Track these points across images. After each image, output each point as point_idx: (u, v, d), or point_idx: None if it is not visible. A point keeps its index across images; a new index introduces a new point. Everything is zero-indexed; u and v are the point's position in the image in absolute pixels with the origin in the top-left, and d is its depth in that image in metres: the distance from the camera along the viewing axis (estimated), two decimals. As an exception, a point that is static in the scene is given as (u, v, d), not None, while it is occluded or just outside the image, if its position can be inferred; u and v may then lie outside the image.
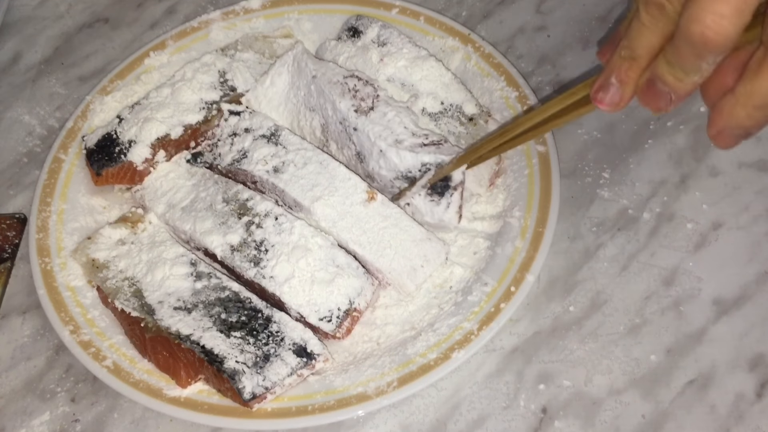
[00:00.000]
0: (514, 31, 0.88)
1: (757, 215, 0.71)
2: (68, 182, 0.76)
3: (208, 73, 0.80)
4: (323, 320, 0.65)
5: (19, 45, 0.93)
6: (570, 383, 0.63)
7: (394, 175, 0.70)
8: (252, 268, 0.67)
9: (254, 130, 0.74)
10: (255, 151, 0.72)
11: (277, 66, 0.77)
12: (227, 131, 0.75)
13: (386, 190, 0.71)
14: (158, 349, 0.64)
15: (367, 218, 0.68)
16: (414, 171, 0.69)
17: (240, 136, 0.74)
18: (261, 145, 0.72)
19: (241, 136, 0.74)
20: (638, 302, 0.67)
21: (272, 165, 0.71)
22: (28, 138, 0.84)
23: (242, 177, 0.73)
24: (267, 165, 0.71)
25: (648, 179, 0.74)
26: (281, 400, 0.62)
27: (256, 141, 0.73)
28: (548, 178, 0.71)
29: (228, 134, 0.75)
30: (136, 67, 0.84)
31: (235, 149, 0.73)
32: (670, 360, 0.64)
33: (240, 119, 0.75)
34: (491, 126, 0.75)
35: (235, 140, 0.74)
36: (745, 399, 0.62)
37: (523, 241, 0.68)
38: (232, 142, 0.74)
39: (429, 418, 0.63)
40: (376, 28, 0.81)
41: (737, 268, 0.68)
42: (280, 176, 0.70)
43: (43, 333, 0.70)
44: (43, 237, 0.72)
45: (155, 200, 0.74)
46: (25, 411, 0.66)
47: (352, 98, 0.72)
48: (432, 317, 0.66)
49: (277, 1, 0.88)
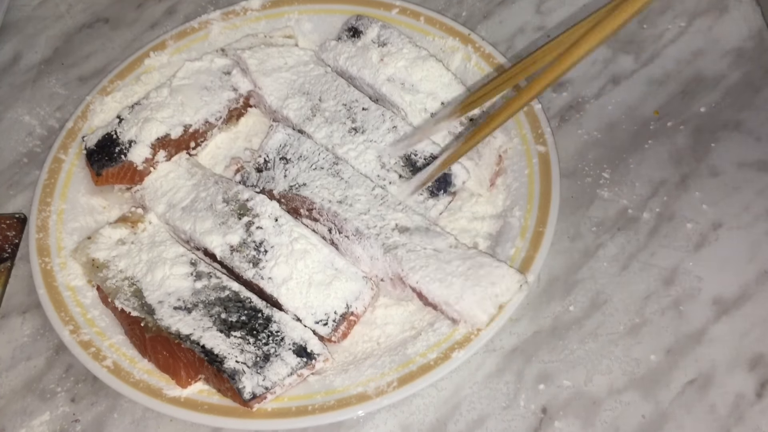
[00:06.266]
0: (514, 31, 0.88)
1: (757, 215, 0.71)
2: (68, 182, 0.76)
3: (208, 72, 0.80)
4: (319, 323, 0.65)
5: (19, 45, 0.93)
6: (570, 383, 0.63)
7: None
8: (251, 269, 0.67)
9: (309, 158, 0.73)
10: (316, 180, 0.72)
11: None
12: (273, 154, 0.74)
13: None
14: (158, 349, 0.64)
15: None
16: (420, 155, 0.72)
17: (293, 163, 0.73)
18: (321, 176, 0.72)
19: (294, 162, 0.73)
20: (638, 302, 0.67)
21: (337, 198, 0.70)
22: (28, 138, 0.84)
23: (298, 202, 0.71)
24: (332, 196, 0.70)
25: (648, 179, 0.74)
26: (281, 400, 0.62)
27: (315, 171, 0.72)
28: (548, 178, 0.71)
29: (278, 158, 0.74)
30: (136, 67, 0.84)
31: (291, 177, 0.72)
32: (670, 360, 0.64)
33: (288, 144, 0.74)
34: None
35: (288, 167, 0.73)
36: (745, 399, 0.62)
37: (523, 241, 0.68)
38: (285, 168, 0.73)
39: (429, 418, 0.63)
40: (377, 28, 0.81)
41: (737, 268, 0.68)
42: (344, 206, 0.70)
43: (43, 333, 0.70)
44: (43, 237, 0.72)
45: (155, 200, 0.74)
46: (25, 411, 0.66)
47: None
48: (432, 317, 0.66)
49: (277, 1, 0.88)
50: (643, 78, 0.82)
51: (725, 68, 0.81)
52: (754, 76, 0.80)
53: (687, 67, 0.82)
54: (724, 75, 0.81)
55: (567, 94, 0.81)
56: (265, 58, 0.80)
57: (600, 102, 0.80)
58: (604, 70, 0.83)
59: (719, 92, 0.79)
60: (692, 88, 0.80)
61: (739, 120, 0.77)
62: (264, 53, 0.80)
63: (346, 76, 0.80)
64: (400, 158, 0.73)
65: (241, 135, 0.81)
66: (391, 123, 0.75)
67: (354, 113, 0.76)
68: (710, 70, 0.81)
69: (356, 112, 0.76)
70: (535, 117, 0.75)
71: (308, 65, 0.81)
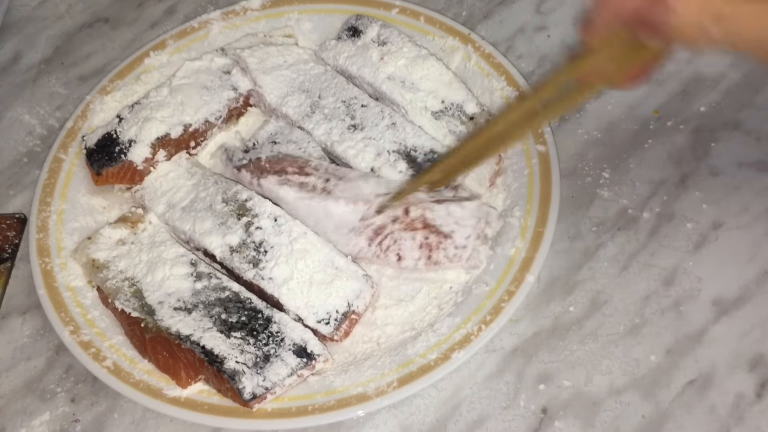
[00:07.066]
0: (514, 31, 0.88)
1: (757, 215, 0.71)
2: (68, 182, 0.76)
3: (208, 72, 0.80)
4: (321, 323, 0.65)
5: (19, 45, 0.93)
6: (570, 383, 0.63)
7: (396, 147, 0.73)
8: (251, 270, 0.67)
9: (298, 143, 0.75)
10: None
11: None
12: (263, 140, 0.76)
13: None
14: (158, 350, 0.64)
15: None
16: (419, 150, 0.72)
17: (281, 145, 0.75)
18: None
19: (283, 144, 0.75)
20: (638, 302, 0.67)
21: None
22: (28, 138, 0.84)
23: (287, 163, 0.72)
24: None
25: (648, 179, 0.74)
26: (281, 401, 0.62)
27: (303, 153, 0.74)
28: (548, 177, 0.71)
29: (268, 142, 0.76)
30: (136, 66, 0.84)
31: (277, 150, 0.74)
32: (670, 360, 0.64)
33: (279, 132, 0.76)
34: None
35: (275, 147, 0.75)
36: (745, 399, 0.62)
37: (523, 241, 0.68)
38: (272, 148, 0.75)
39: (429, 419, 0.63)
40: (376, 27, 0.81)
41: (737, 268, 0.68)
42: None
43: (43, 333, 0.70)
44: (43, 237, 0.72)
45: (155, 200, 0.74)
46: (25, 411, 0.66)
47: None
48: (432, 317, 0.66)
49: (277, 1, 0.88)
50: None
51: (725, 68, 0.81)
52: (754, 76, 0.80)
53: (687, 66, 0.82)
54: (724, 75, 0.81)
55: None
56: (265, 56, 0.80)
57: (600, 101, 0.80)
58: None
59: (719, 92, 0.79)
60: (692, 88, 0.80)
61: (739, 120, 0.77)
62: (264, 52, 0.80)
63: (346, 74, 0.80)
64: (400, 154, 0.73)
65: (241, 134, 0.81)
66: (390, 120, 0.75)
67: (353, 110, 0.76)
68: (710, 69, 0.81)
69: (355, 109, 0.76)
70: (535, 116, 0.75)
71: (308, 63, 0.81)
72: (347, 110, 0.76)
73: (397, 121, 0.75)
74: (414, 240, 0.67)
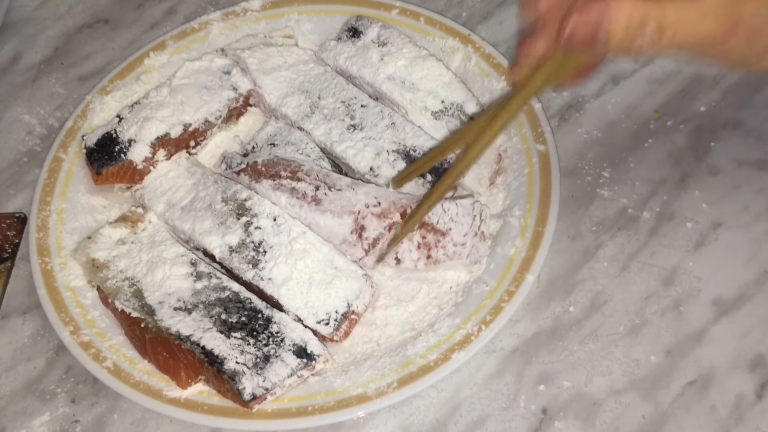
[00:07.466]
0: (514, 31, 0.88)
1: (756, 214, 0.71)
2: (68, 181, 0.76)
3: (208, 72, 0.80)
4: (321, 323, 0.65)
5: (19, 45, 0.93)
6: (570, 384, 0.63)
7: (395, 147, 0.73)
8: (250, 270, 0.67)
9: (297, 144, 0.75)
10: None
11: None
12: (262, 143, 0.76)
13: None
14: (158, 350, 0.64)
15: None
16: (419, 150, 0.72)
17: (280, 147, 0.75)
18: (307, 161, 0.74)
19: (281, 147, 0.75)
20: (638, 302, 0.67)
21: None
22: (28, 137, 0.84)
23: (281, 166, 0.72)
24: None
25: (648, 178, 0.74)
26: (281, 401, 0.62)
27: (301, 156, 0.74)
28: (548, 177, 0.71)
29: (267, 144, 0.76)
30: (136, 67, 0.84)
31: (275, 153, 0.74)
32: (670, 361, 0.64)
33: (278, 133, 0.76)
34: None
35: (273, 150, 0.75)
36: (745, 400, 0.62)
37: (523, 241, 0.68)
38: (270, 151, 0.75)
39: (429, 419, 0.63)
40: (376, 28, 0.81)
41: (737, 267, 0.68)
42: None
43: (44, 333, 0.70)
44: (43, 236, 0.72)
45: (155, 199, 0.74)
46: (25, 412, 0.66)
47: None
48: (432, 318, 0.66)
49: (277, 2, 0.88)
50: (643, 77, 0.82)
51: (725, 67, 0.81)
52: (753, 75, 0.80)
53: (687, 66, 0.82)
54: (724, 74, 0.81)
55: (567, 93, 0.81)
56: (265, 57, 0.80)
57: (600, 101, 0.80)
58: (604, 70, 0.82)
59: (719, 91, 0.79)
60: (692, 87, 0.80)
61: (739, 119, 0.77)
62: (264, 53, 0.80)
63: (346, 75, 0.80)
64: (399, 154, 0.73)
65: (240, 134, 0.81)
66: (389, 120, 0.75)
67: (353, 110, 0.76)
68: (710, 69, 0.81)
69: (355, 108, 0.76)
70: (535, 116, 0.75)
71: (308, 64, 0.81)
72: (347, 110, 0.76)
73: (397, 121, 0.75)
74: (411, 241, 0.67)
